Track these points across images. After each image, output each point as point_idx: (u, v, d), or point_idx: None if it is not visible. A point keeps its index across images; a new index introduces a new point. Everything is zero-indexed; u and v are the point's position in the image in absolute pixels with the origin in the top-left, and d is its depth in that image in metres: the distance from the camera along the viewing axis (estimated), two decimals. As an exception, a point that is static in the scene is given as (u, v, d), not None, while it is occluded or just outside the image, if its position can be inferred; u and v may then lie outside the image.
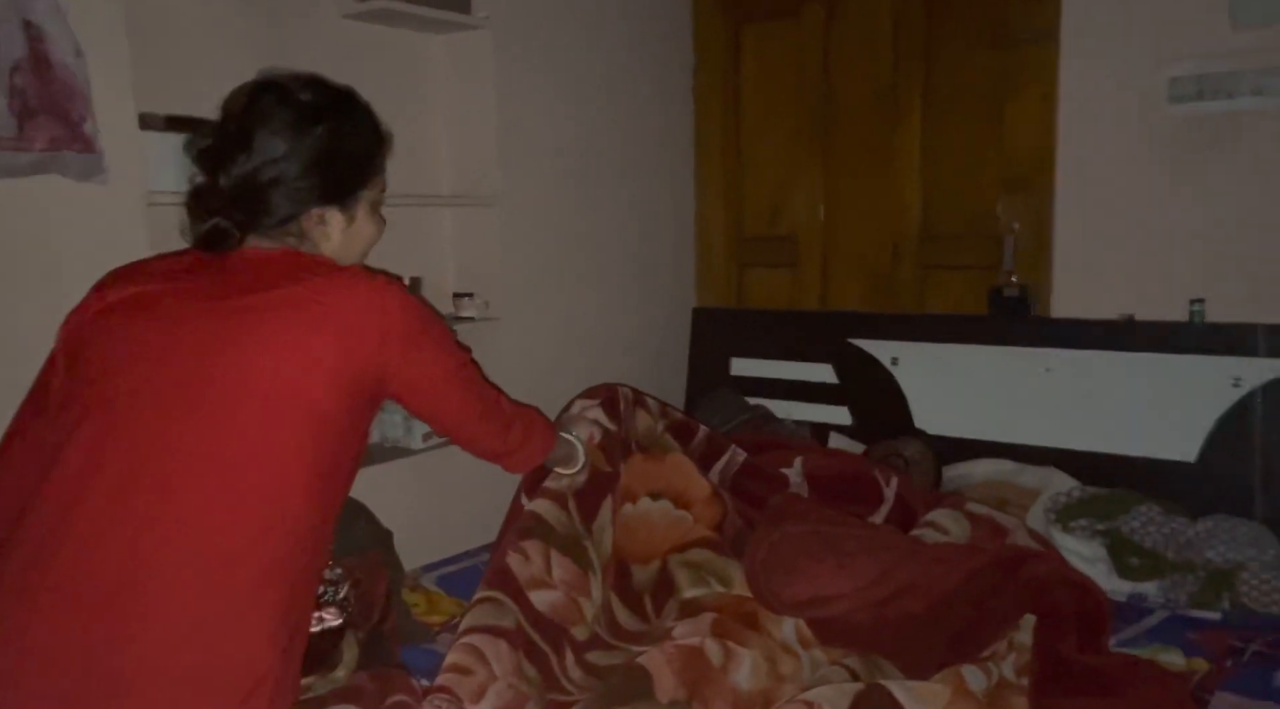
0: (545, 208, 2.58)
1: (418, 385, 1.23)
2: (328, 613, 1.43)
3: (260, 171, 1.17)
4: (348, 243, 1.26)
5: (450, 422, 1.34)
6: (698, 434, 1.86)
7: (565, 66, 2.60)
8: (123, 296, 1.15)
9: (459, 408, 1.31)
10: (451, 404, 1.30)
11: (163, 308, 1.13)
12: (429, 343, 1.22)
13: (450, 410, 1.31)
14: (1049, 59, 2.43)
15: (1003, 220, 2.56)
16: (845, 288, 2.89)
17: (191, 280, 1.16)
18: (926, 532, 1.75)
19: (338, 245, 1.25)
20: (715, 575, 1.62)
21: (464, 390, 1.30)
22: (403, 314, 1.17)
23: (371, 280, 1.17)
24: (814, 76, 2.86)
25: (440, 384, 1.26)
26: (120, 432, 1.07)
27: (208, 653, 1.03)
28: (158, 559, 1.03)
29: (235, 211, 1.18)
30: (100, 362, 1.12)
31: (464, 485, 2.38)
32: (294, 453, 1.09)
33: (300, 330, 1.10)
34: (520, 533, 1.54)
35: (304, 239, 1.22)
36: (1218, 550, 1.93)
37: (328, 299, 1.12)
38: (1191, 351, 2.19)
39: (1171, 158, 2.28)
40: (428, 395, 1.26)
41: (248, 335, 1.09)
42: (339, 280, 1.15)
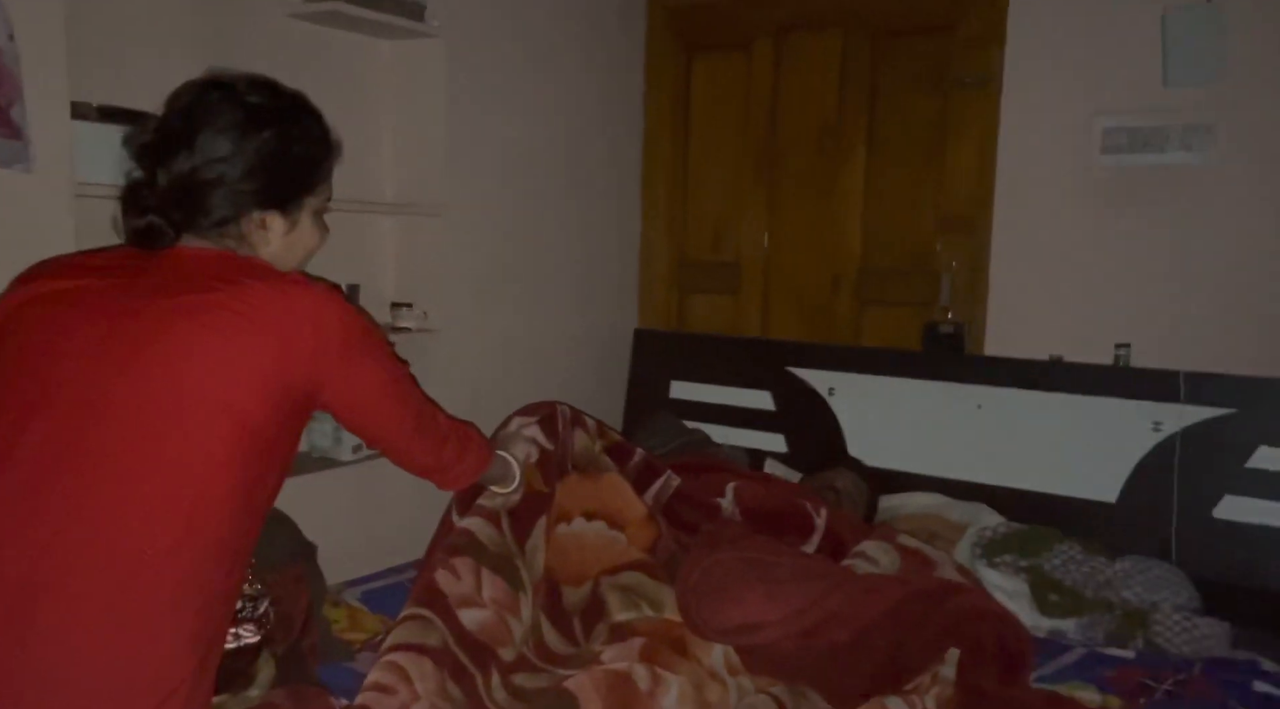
0: (489, 221, 2.56)
1: (352, 397, 1.19)
2: (245, 629, 1.38)
3: (201, 171, 1.13)
4: (288, 249, 1.23)
5: (383, 435, 1.30)
6: (634, 457, 1.85)
7: (517, 82, 2.59)
8: (45, 290, 1.10)
9: (393, 422, 1.27)
10: (385, 417, 1.26)
11: (86, 304, 1.08)
12: (366, 354, 1.18)
13: (384, 424, 1.27)
14: (990, 104, 2.50)
15: (941, 258, 2.62)
16: (785, 317, 2.92)
17: (120, 277, 1.11)
18: (857, 561, 1.76)
19: (277, 250, 1.21)
20: (646, 599, 1.61)
21: (399, 404, 1.27)
22: (340, 323, 1.14)
23: (310, 287, 1.14)
24: (762, 110, 2.90)
25: (375, 397, 1.22)
26: (32, 431, 1.02)
27: (114, 665, 0.98)
28: (65, 567, 0.98)
29: (172, 210, 1.14)
30: (17, 356, 1.07)
31: (392, 500, 2.33)
32: (218, 463, 1.05)
33: (232, 335, 1.06)
34: (451, 550, 1.51)
35: (242, 242, 1.18)
36: (1134, 590, 1.98)
37: (263, 304, 1.08)
38: (1115, 394, 2.26)
39: (1102, 206, 2.36)
40: (361, 408, 1.22)
41: (176, 338, 1.05)
42: (276, 286, 1.11)
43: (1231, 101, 2.19)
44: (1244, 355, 2.20)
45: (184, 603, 1.03)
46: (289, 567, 1.62)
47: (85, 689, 0.97)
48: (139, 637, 0.99)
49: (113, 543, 1.00)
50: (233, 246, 1.18)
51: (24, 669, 0.95)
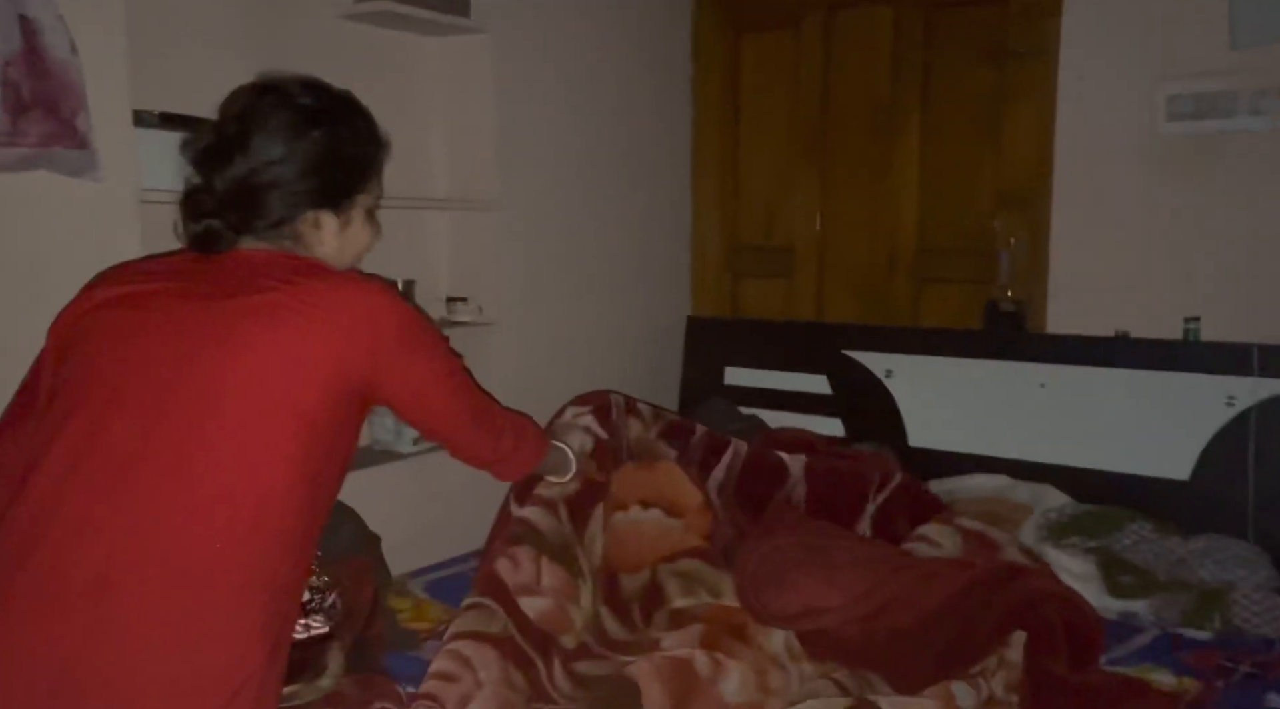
0: (541, 213, 2.57)
1: (409, 391, 1.22)
2: (314, 620, 1.41)
3: (256, 173, 1.16)
4: (342, 247, 1.25)
5: (441, 428, 1.32)
6: (695, 434, 1.85)
7: (564, 72, 2.59)
8: (112, 295, 1.14)
9: (450, 414, 1.29)
10: (443, 410, 1.28)
11: (152, 307, 1.12)
12: (422, 349, 1.20)
13: (441, 417, 1.29)
14: (1046, 75, 2.43)
15: (999, 235, 2.56)
16: (840, 299, 2.88)
17: (183, 281, 1.15)
18: (918, 546, 1.74)
19: (331, 249, 1.23)
20: (705, 586, 1.61)
21: (455, 397, 1.29)
22: (396, 319, 1.16)
23: (366, 284, 1.16)
24: (812, 89, 2.86)
25: (431, 390, 1.24)
26: (103, 433, 1.05)
27: (187, 658, 1.01)
28: (137, 562, 1.01)
29: (229, 213, 1.16)
30: (86, 361, 1.11)
31: (453, 491, 2.37)
32: (281, 459, 1.08)
33: (291, 334, 1.09)
34: (510, 539, 1.53)
35: (298, 242, 1.20)
36: (1209, 570, 1.92)
37: (321, 302, 1.11)
38: (1186, 369, 2.19)
39: (1168, 175, 2.28)
40: (419, 401, 1.24)
41: (239, 338, 1.08)
42: (333, 283, 1.14)
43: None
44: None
45: (252, 596, 1.05)
46: (354, 558, 1.66)
47: (157, 682, 1.00)
48: (209, 630, 1.02)
49: (182, 539, 1.03)
50: (289, 246, 1.20)
51: (97, 661, 0.99)
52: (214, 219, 1.16)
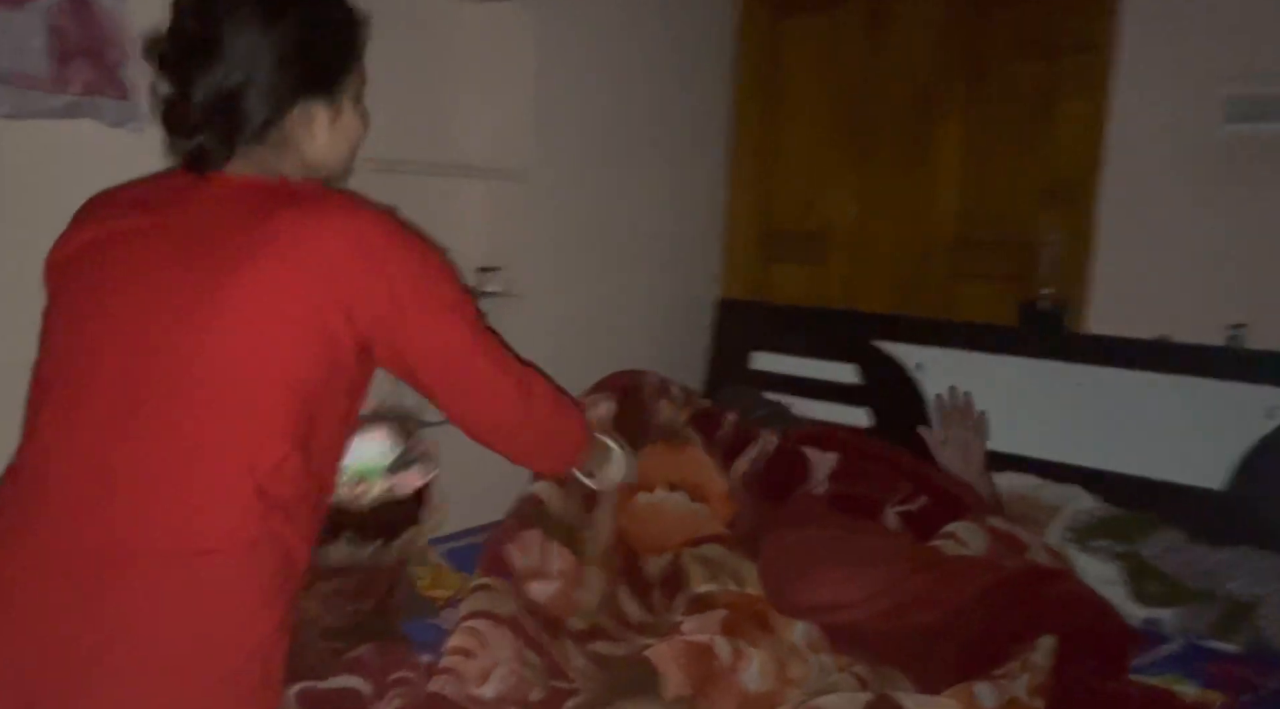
0: (575, 186, 2.55)
1: (408, 334, 1.09)
2: (408, 475, 1.33)
3: (233, 74, 1.06)
4: (335, 141, 1.16)
5: (453, 378, 1.16)
6: (724, 423, 1.83)
7: (604, 46, 2.56)
8: (87, 239, 1.09)
9: (463, 358, 1.14)
10: (454, 354, 1.13)
11: (129, 262, 1.05)
12: (426, 282, 1.09)
13: (452, 362, 1.14)
14: (1098, 70, 2.37)
15: (1041, 231, 2.51)
16: (873, 289, 2.84)
17: (161, 216, 1.07)
18: (945, 543, 1.71)
19: (325, 145, 1.14)
20: (728, 572, 1.59)
21: (468, 335, 1.14)
22: (387, 249, 1.05)
23: (345, 211, 1.05)
24: (855, 74, 2.81)
25: (437, 328, 1.11)
26: (84, 408, 1.02)
27: (193, 629, 0.99)
28: (139, 537, 0.99)
29: (214, 125, 1.07)
30: (64, 324, 1.07)
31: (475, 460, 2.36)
32: (278, 430, 1.02)
33: (277, 286, 1.00)
34: (520, 520, 1.53)
35: (288, 147, 1.11)
36: (1239, 582, 1.88)
37: (296, 240, 1.01)
38: (1227, 377, 2.14)
39: (1221, 178, 2.22)
40: (423, 347, 1.10)
41: (211, 299, 1.00)
42: (321, 216, 1.03)
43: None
44: (1371, 339, 2.06)
45: (256, 564, 1.02)
46: (377, 525, 1.66)
47: (162, 652, 0.98)
48: (214, 599, 1.00)
49: (177, 511, 1.00)
50: (275, 162, 1.11)
51: (101, 635, 0.97)
52: (201, 137, 1.07)
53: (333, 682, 1.26)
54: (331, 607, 1.41)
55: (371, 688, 1.28)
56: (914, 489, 1.85)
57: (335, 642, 1.39)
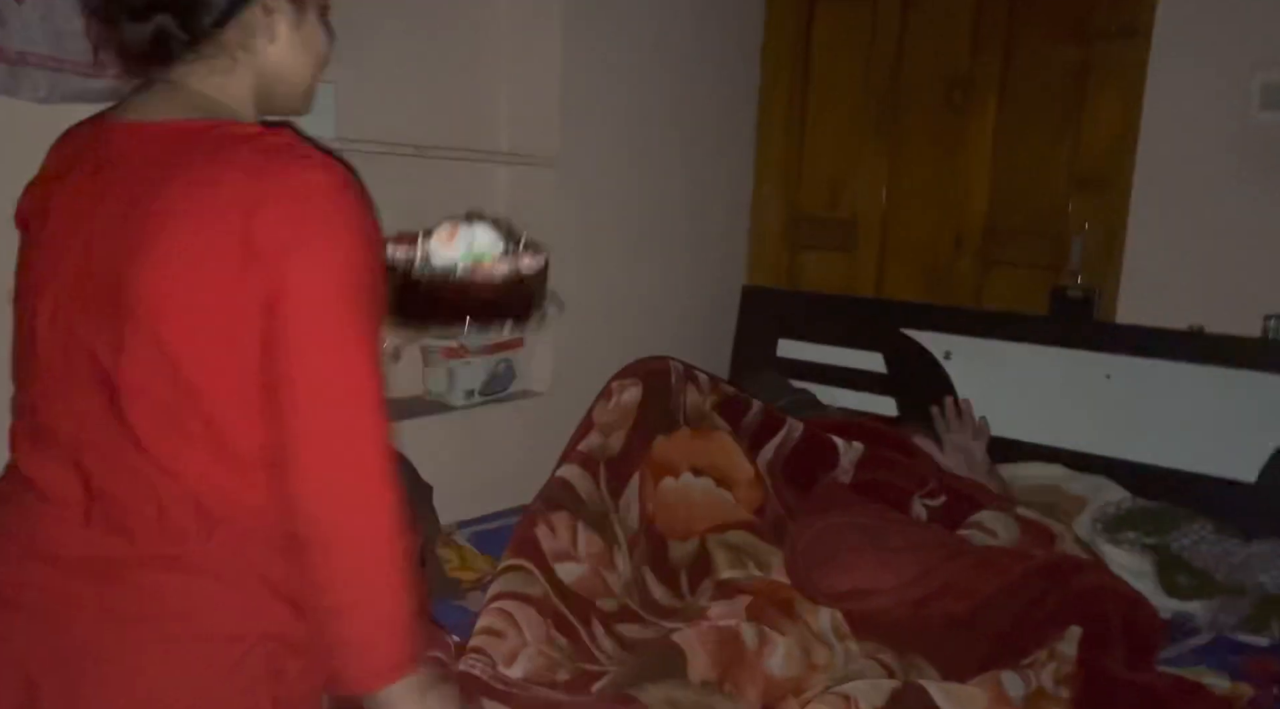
0: (602, 172, 2.54)
1: (284, 298, 0.89)
2: (526, 257, 1.20)
3: None
4: (296, 50, 1.02)
5: (290, 385, 0.90)
6: (750, 411, 1.83)
7: (632, 32, 2.55)
8: (38, 201, 1.00)
9: (315, 366, 0.90)
10: (307, 353, 0.90)
11: (56, 242, 0.96)
12: (331, 252, 0.90)
13: (301, 364, 0.90)
14: (1134, 56, 2.34)
15: (1072, 219, 2.48)
16: (902, 277, 2.83)
17: (93, 170, 0.95)
18: (973, 532, 1.71)
19: (285, 51, 1.01)
20: (754, 559, 1.60)
21: (337, 343, 0.91)
22: (325, 201, 0.90)
23: (299, 161, 0.91)
24: (886, 59, 2.78)
25: (306, 312, 0.89)
26: (36, 384, 0.97)
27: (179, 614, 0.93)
28: (121, 517, 0.94)
29: (166, 9, 0.94)
30: (20, 297, 1.00)
31: (501, 445, 2.38)
32: (244, 388, 0.91)
33: (197, 272, 0.89)
34: (549, 503, 1.53)
35: (245, 49, 0.98)
36: (1272, 575, 1.87)
37: (234, 201, 0.88)
38: (1261, 369, 2.11)
39: (1258, 167, 2.19)
40: (282, 324, 0.89)
41: (137, 291, 0.89)
42: (254, 170, 0.89)
43: None
44: None
45: (258, 535, 0.94)
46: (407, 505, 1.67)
47: (150, 641, 0.93)
48: (212, 578, 0.94)
49: (164, 494, 0.93)
50: (226, 75, 0.98)
51: (86, 629, 0.93)
52: (156, 12, 0.93)
53: (363, 660, 1.27)
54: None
55: (401, 667, 1.29)
56: (939, 482, 1.85)
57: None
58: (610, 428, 1.68)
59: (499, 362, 2.38)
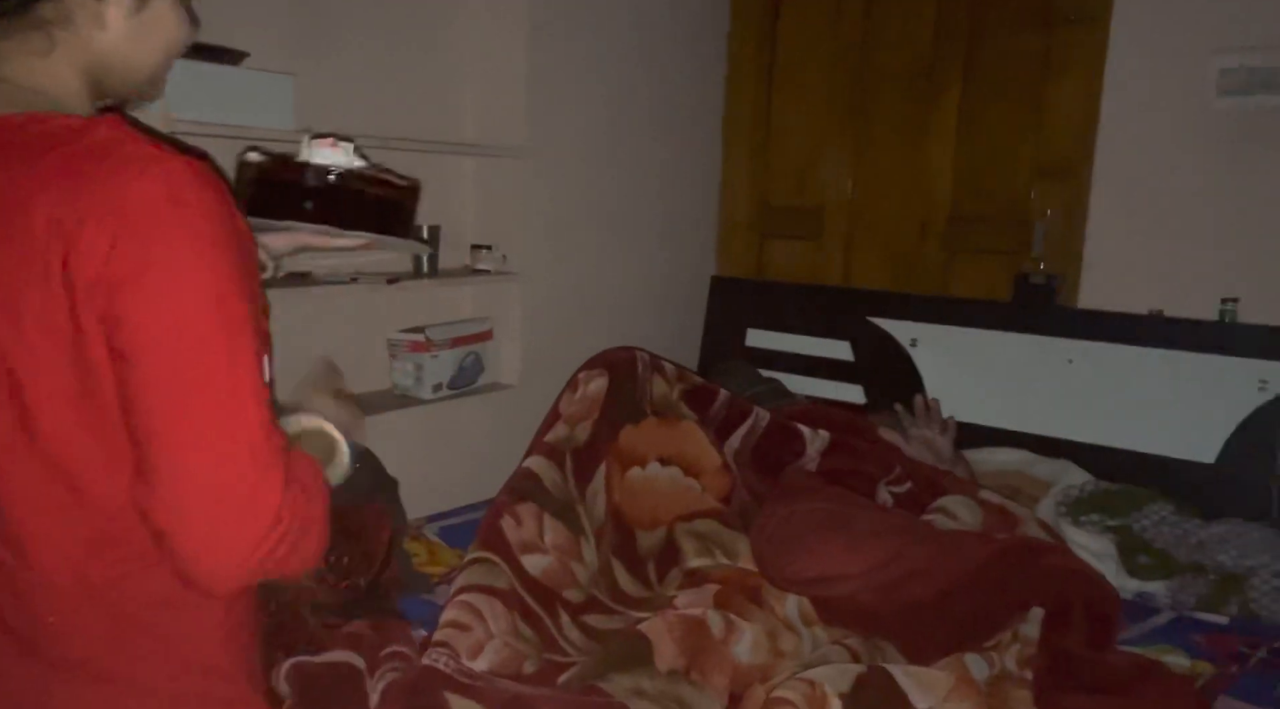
0: (569, 163, 2.54)
1: (130, 348, 0.75)
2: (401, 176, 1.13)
3: None
4: (138, 36, 0.85)
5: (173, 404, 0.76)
6: (718, 400, 1.83)
7: (598, 20, 2.54)
8: None
9: (203, 375, 0.77)
10: (189, 365, 0.76)
11: None
12: (174, 282, 0.75)
13: (183, 376, 0.76)
14: (1095, 42, 2.36)
15: (1035, 206, 2.51)
16: (868, 265, 2.84)
17: None
18: (938, 517, 1.72)
19: (122, 38, 0.84)
20: (721, 547, 1.60)
21: (223, 349, 0.77)
22: (159, 217, 0.74)
23: (129, 157, 0.76)
24: (852, 48, 2.79)
25: (182, 327, 0.76)
26: None
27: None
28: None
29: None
30: None
31: (470, 438, 2.37)
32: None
33: (23, 277, 0.75)
34: (515, 494, 1.53)
35: (68, 33, 0.82)
36: (1229, 554, 1.90)
37: (50, 236, 0.73)
38: (1219, 351, 2.15)
39: (1216, 152, 2.22)
40: (151, 344, 0.75)
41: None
42: (79, 162, 0.75)
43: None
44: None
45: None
46: (372, 502, 1.66)
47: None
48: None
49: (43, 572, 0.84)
50: (45, 62, 0.82)
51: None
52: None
53: (326, 656, 1.27)
54: (325, 583, 1.42)
55: (365, 662, 1.28)
56: (904, 469, 1.86)
57: (329, 617, 1.40)
58: (576, 419, 1.67)
59: (467, 354, 2.37)
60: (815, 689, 1.23)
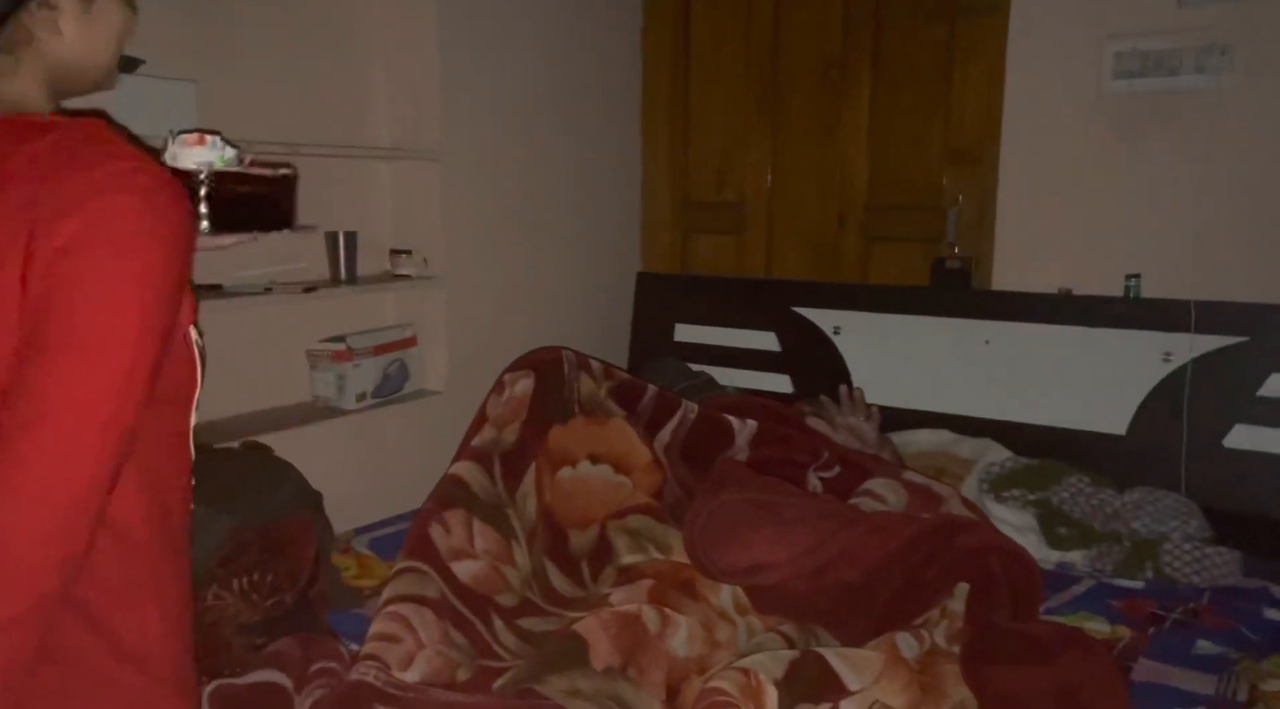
0: (487, 165, 2.51)
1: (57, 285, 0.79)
2: (275, 169, 1.10)
3: None
4: (89, 34, 0.92)
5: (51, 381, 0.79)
6: (645, 395, 1.83)
7: (511, 20, 2.52)
8: None
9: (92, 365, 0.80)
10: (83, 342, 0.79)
11: None
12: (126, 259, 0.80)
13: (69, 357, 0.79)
14: (998, 31, 2.43)
15: (947, 192, 2.57)
16: (789, 256, 2.88)
17: None
18: (864, 500, 1.75)
19: (75, 40, 0.90)
20: (654, 542, 1.60)
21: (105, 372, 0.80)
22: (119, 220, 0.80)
23: (95, 161, 0.81)
24: (763, 43, 2.82)
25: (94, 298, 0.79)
26: None
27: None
28: None
29: None
30: None
31: (398, 447, 2.33)
32: None
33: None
34: (442, 501, 1.51)
35: (28, 49, 0.89)
36: (1143, 521, 1.97)
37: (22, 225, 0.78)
38: (1125, 326, 2.23)
39: (1113, 133, 2.30)
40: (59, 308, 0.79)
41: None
42: (46, 160, 0.80)
43: (1250, 20, 2.12)
44: (1258, 283, 2.16)
45: None
46: (295, 515, 1.62)
47: None
48: None
49: None
50: (11, 75, 0.89)
51: None
52: None
53: (251, 677, 1.23)
54: (250, 601, 1.38)
55: (292, 681, 1.25)
56: (832, 454, 1.89)
57: (255, 637, 1.36)
58: (504, 421, 1.66)
59: (391, 362, 2.34)
60: (750, 677, 1.24)
